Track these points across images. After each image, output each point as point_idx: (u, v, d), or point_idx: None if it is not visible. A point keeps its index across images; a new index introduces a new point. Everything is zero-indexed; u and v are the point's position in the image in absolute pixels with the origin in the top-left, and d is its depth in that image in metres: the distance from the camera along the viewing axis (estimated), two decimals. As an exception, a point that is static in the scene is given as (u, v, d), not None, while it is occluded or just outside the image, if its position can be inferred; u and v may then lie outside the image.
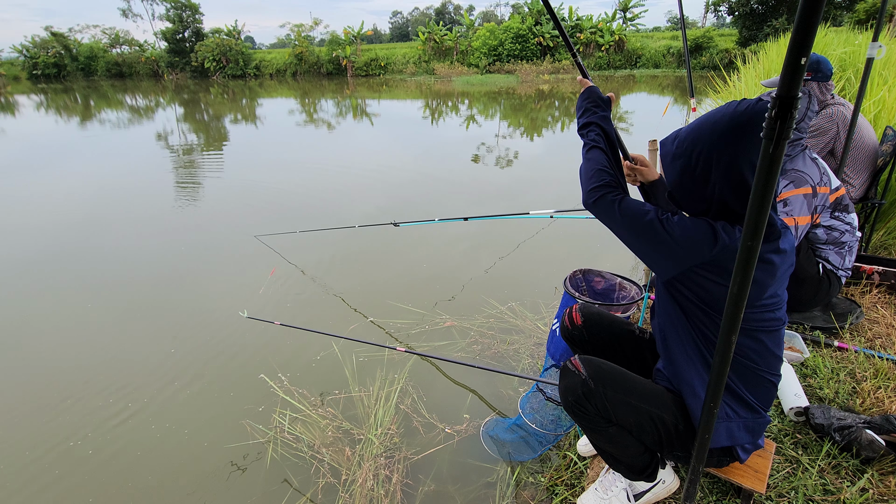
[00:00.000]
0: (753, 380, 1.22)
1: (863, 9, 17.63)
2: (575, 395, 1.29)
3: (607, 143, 1.38)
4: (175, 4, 31.61)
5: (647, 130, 10.27)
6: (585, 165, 1.37)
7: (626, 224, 1.22)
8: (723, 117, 1.08)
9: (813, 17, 0.67)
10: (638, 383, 1.31)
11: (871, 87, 3.88)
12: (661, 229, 1.15)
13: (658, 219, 1.16)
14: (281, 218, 5.36)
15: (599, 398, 1.27)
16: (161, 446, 2.29)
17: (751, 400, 1.23)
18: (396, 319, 3.25)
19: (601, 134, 1.39)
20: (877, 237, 3.18)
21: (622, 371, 1.33)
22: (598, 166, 1.33)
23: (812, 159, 2.11)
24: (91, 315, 3.52)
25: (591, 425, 1.32)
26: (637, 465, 1.39)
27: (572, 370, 1.32)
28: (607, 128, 1.41)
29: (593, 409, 1.28)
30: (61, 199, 6.47)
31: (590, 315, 1.60)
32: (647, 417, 1.27)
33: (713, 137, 1.09)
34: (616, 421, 1.29)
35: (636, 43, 26.92)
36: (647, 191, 1.58)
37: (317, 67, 30.25)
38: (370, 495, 1.92)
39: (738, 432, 1.24)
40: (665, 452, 1.37)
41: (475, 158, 8.14)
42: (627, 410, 1.27)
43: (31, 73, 33.73)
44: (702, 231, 1.11)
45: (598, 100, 1.47)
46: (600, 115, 1.43)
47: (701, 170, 1.12)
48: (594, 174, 1.31)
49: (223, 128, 13.14)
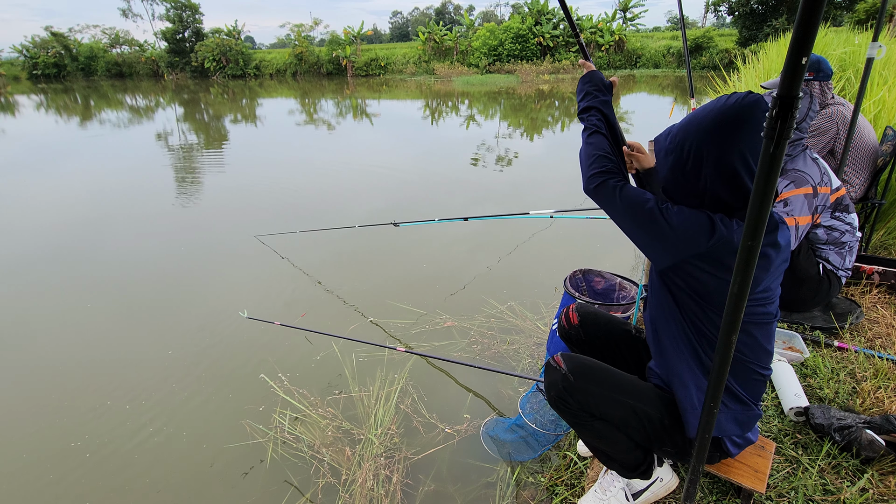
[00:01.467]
0: (743, 373, 1.22)
1: (863, 9, 17.63)
2: (556, 390, 1.31)
3: (608, 128, 1.38)
4: (175, 4, 31.61)
5: (648, 130, 10.27)
6: (586, 150, 1.36)
7: (626, 211, 1.22)
8: (711, 111, 1.09)
9: (813, 17, 0.67)
10: (621, 378, 1.33)
11: (871, 87, 3.88)
12: (661, 218, 1.15)
13: (658, 208, 1.16)
14: (281, 218, 5.36)
15: (580, 393, 1.29)
16: (161, 446, 2.29)
17: (740, 392, 1.23)
18: (396, 319, 3.25)
19: (602, 119, 1.39)
20: (877, 237, 3.18)
21: (604, 367, 1.35)
22: (599, 151, 1.32)
23: (813, 159, 2.11)
24: (90, 315, 3.52)
25: (576, 419, 1.34)
26: (629, 462, 1.40)
27: (554, 366, 1.34)
28: (608, 113, 1.41)
29: (575, 403, 1.30)
30: (61, 198, 6.47)
31: (586, 315, 1.60)
32: (631, 411, 1.28)
33: (702, 132, 1.09)
34: (599, 415, 1.30)
35: (636, 43, 26.93)
36: (641, 178, 1.57)
37: (317, 67, 30.26)
38: (370, 495, 1.92)
39: (725, 423, 1.24)
40: (655, 448, 1.37)
41: (475, 159, 8.14)
42: (610, 404, 1.29)
43: (31, 73, 33.73)
44: (699, 222, 1.11)
45: (599, 83, 1.46)
46: (601, 100, 1.43)
47: (692, 164, 1.12)
48: (595, 159, 1.30)
49: (223, 128, 13.14)
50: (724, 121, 1.06)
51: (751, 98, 1.05)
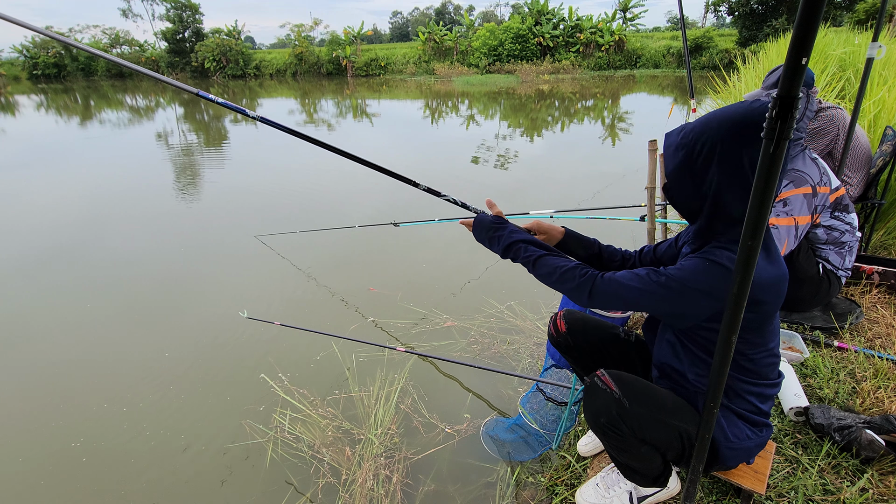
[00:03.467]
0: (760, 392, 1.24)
1: (863, 9, 17.64)
2: (608, 417, 1.22)
3: (538, 245, 1.31)
4: (175, 4, 31.61)
5: (647, 131, 10.27)
6: (548, 278, 1.25)
7: (631, 292, 1.14)
8: (735, 112, 1.06)
9: (813, 18, 0.67)
10: (666, 397, 1.27)
11: (871, 87, 3.88)
12: (668, 286, 1.10)
13: (656, 277, 1.12)
14: (281, 218, 5.36)
15: (634, 418, 1.21)
16: (161, 446, 2.29)
17: (760, 410, 1.25)
18: (396, 319, 3.25)
19: (526, 242, 1.31)
20: (877, 237, 3.18)
21: (650, 385, 1.29)
22: (557, 267, 1.23)
23: (812, 159, 2.11)
24: (90, 315, 3.51)
25: (623, 445, 1.27)
26: (654, 474, 1.39)
27: (602, 388, 1.24)
28: (525, 237, 1.34)
29: (628, 430, 1.22)
30: (61, 198, 6.47)
31: (573, 322, 1.59)
32: (676, 433, 1.23)
33: (722, 129, 1.06)
34: (649, 440, 1.24)
35: (636, 43, 26.93)
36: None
37: (317, 67, 30.25)
38: (370, 495, 1.92)
39: (755, 448, 1.28)
40: (682, 465, 1.35)
41: (475, 159, 8.14)
42: (659, 428, 1.22)
43: (32, 73, 33.70)
44: (711, 274, 1.07)
45: (491, 226, 1.38)
46: (508, 232, 1.35)
47: (703, 161, 1.08)
48: (560, 277, 1.22)
49: (223, 128, 13.14)
50: (746, 122, 1.03)
51: None
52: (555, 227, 1.50)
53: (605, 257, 1.49)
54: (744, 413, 1.24)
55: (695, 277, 1.08)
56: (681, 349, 1.26)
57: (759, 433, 1.26)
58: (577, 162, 7.82)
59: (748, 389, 1.22)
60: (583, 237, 1.51)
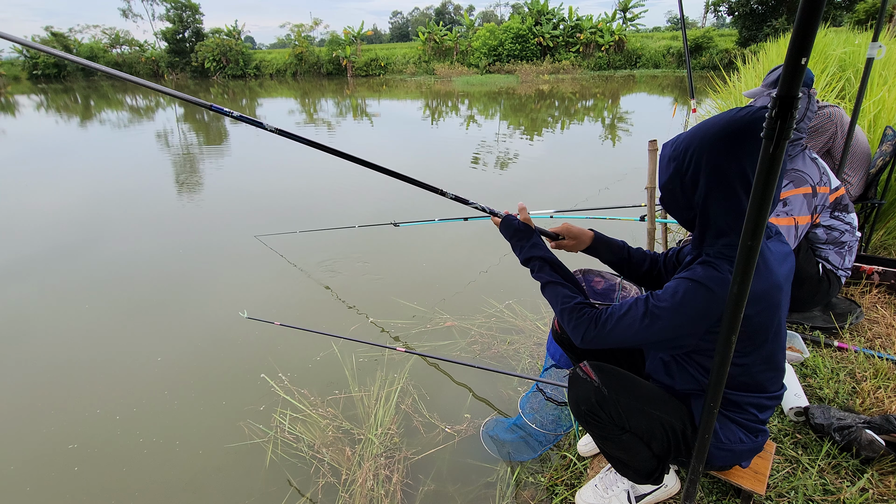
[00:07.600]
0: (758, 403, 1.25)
1: (863, 9, 17.65)
2: (588, 405, 1.26)
3: (552, 266, 1.34)
4: (175, 4, 31.62)
5: (647, 131, 10.27)
6: (552, 306, 1.32)
7: (632, 328, 1.15)
8: (719, 122, 1.07)
9: (813, 18, 0.67)
10: (649, 389, 1.29)
11: (871, 87, 3.88)
12: (652, 327, 1.12)
13: (647, 322, 1.13)
14: (281, 218, 5.36)
15: (613, 406, 1.24)
16: (161, 446, 2.29)
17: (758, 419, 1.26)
18: (396, 319, 3.25)
19: (542, 261, 1.35)
20: (877, 237, 3.18)
21: (631, 376, 1.31)
22: (559, 300, 1.28)
23: (812, 159, 2.11)
24: (89, 315, 3.51)
25: (604, 433, 1.30)
26: (645, 469, 1.39)
27: (583, 377, 1.28)
28: (542, 253, 1.37)
29: (607, 417, 1.26)
30: (60, 199, 6.46)
31: None
32: (659, 424, 1.25)
33: (706, 141, 1.07)
34: (630, 428, 1.27)
35: (636, 43, 26.94)
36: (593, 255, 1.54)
37: (317, 67, 30.26)
38: (370, 495, 1.92)
39: (747, 454, 1.29)
40: (672, 458, 1.36)
41: (475, 159, 8.14)
42: (640, 417, 1.25)
43: (32, 73, 33.70)
44: (695, 304, 1.08)
45: (515, 233, 1.41)
46: (529, 246, 1.38)
47: (692, 173, 1.10)
48: (560, 311, 1.27)
49: (223, 128, 13.13)
50: (731, 131, 1.04)
51: (761, 113, 1.03)
52: (585, 231, 1.49)
53: (634, 262, 1.50)
54: (739, 420, 1.25)
55: (682, 308, 1.10)
56: (675, 369, 1.28)
57: (753, 438, 1.27)
58: (577, 162, 7.82)
59: (747, 401, 1.23)
60: (612, 241, 1.50)
